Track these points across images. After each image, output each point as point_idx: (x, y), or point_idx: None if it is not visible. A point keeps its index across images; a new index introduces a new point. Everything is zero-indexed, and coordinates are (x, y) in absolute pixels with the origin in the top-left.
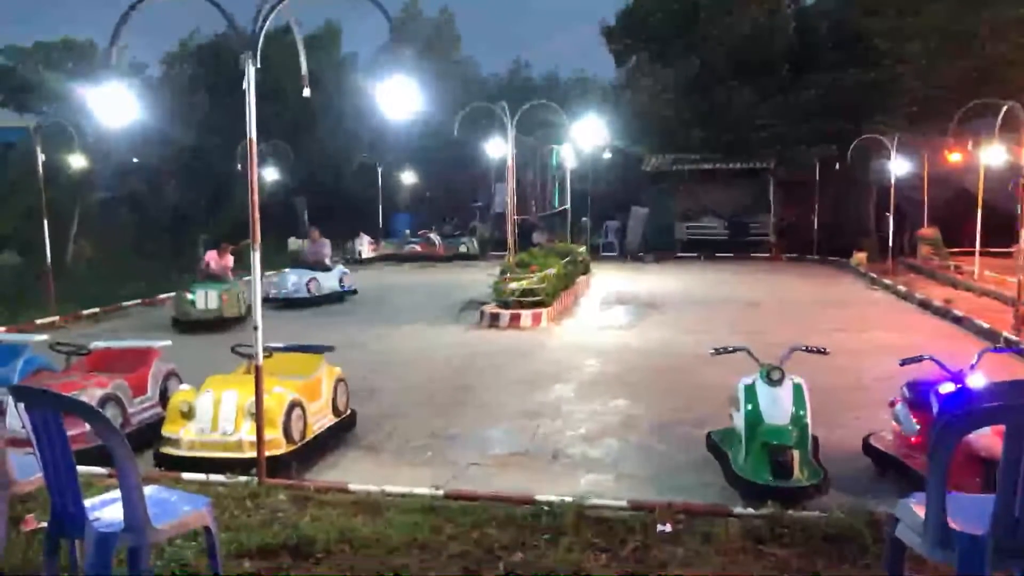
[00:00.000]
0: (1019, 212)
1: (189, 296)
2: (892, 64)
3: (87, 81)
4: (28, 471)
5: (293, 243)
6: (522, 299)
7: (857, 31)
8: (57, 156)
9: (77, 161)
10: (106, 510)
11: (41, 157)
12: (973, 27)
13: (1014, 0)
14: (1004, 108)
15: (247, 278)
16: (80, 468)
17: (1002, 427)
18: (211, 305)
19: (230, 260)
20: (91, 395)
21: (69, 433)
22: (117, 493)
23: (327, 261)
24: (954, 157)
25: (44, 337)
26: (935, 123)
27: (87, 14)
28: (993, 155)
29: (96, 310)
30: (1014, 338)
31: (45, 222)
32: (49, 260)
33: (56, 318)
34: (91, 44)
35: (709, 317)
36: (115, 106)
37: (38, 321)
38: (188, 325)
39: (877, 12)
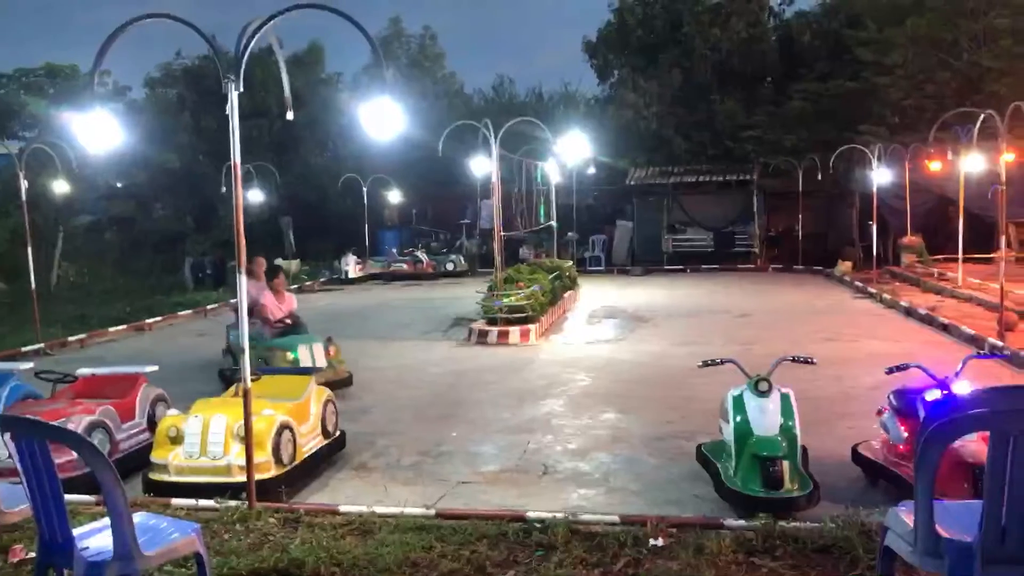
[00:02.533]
0: (999, 219)
1: (290, 355)
2: (875, 74)
3: (70, 107)
4: (15, 501)
5: (280, 264)
6: (510, 315)
7: (840, 42)
8: (40, 181)
9: (60, 186)
10: (95, 538)
11: (24, 183)
12: (954, 38)
13: (993, 11)
14: (981, 117)
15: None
16: (68, 496)
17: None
18: (319, 362)
19: (291, 298)
20: (78, 422)
21: (56, 461)
22: (106, 521)
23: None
24: (934, 166)
25: (29, 365)
26: (918, 132)
27: (68, 39)
28: (972, 163)
29: (82, 336)
30: (999, 344)
31: (29, 248)
32: (34, 285)
33: (42, 345)
34: (73, 69)
35: (697, 329)
36: (99, 132)
37: (23, 348)
38: None
39: (859, 23)
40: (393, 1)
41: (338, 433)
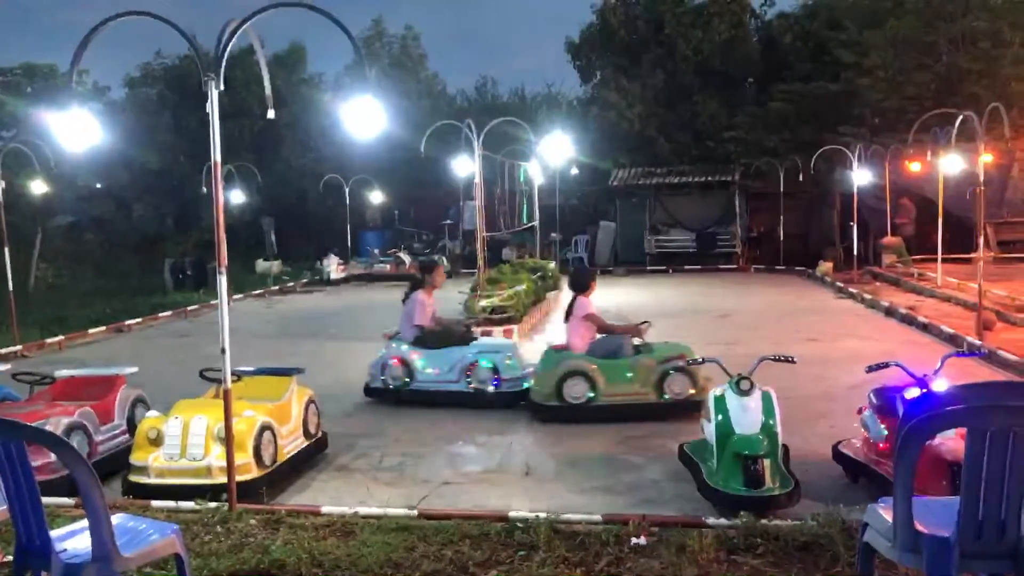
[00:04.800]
0: (977, 220)
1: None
2: (855, 76)
3: (48, 106)
4: None
5: (261, 265)
6: (493, 316)
7: (821, 43)
8: (18, 181)
9: (39, 186)
10: (73, 541)
11: (1, 183)
12: (932, 40)
13: (971, 14)
14: (959, 118)
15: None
16: (46, 499)
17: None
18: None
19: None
20: (56, 424)
21: (34, 463)
22: (84, 523)
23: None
24: (914, 166)
25: (7, 366)
26: (897, 133)
27: (46, 39)
28: (950, 164)
29: (61, 338)
30: (977, 342)
31: (7, 249)
32: (11, 287)
33: (19, 346)
34: (51, 69)
35: (679, 329)
36: (77, 131)
37: (0, 350)
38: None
39: (839, 25)
40: (375, 1)
41: (320, 434)
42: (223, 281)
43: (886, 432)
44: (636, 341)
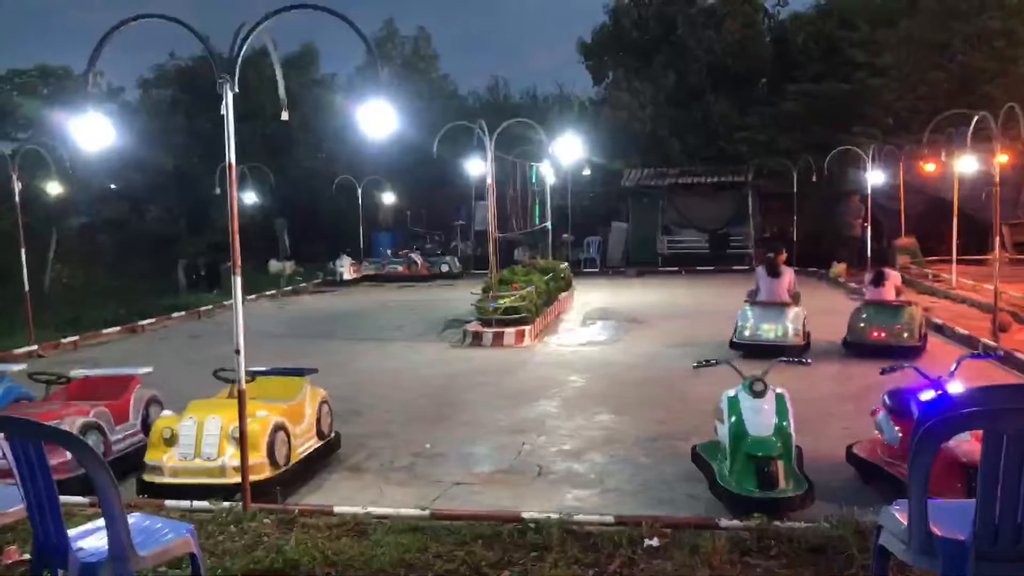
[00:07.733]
0: (993, 220)
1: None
2: (868, 76)
3: (63, 107)
4: (9, 502)
5: (274, 266)
6: (505, 316)
7: (833, 43)
8: (34, 182)
9: (54, 188)
10: (89, 539)
11: (17, 184)
12: (946, 39)
13: (985, 13)
14: (975, 118)
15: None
16: (62, 498)
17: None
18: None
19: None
20: (72, 423)
21: (51, 462)
22: (100, 522)
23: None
24: (929, 167)
25: (23, 366)
26: (911, 134)
27: (61, 41)
28: (966, 164)
29: (75, 338)
30: (992, 344)
31: (23, 250)
32: (27, 287)
33: (35, 347)
34: (66, 70)
35: (692, 330)
36: (93, 132)
37: (16, 350)
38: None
39: (852, 24)
40: (386, 3)
41: (333, 434)
42: (238, 282)
43: (900, 434)
44: None
